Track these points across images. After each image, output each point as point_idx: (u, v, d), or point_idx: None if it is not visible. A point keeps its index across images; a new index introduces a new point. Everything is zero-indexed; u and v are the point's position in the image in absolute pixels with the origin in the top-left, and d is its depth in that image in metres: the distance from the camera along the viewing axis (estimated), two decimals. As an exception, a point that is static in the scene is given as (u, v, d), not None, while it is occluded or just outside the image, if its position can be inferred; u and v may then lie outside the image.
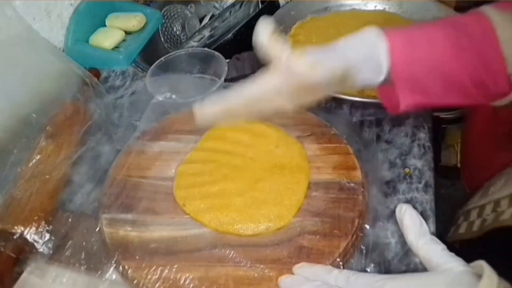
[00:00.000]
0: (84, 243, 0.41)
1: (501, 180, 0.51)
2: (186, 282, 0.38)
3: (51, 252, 0.39)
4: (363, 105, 0.58)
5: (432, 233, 0.43)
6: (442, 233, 0.55)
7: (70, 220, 0.42)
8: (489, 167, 0.56)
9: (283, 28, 0.67)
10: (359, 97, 0.54)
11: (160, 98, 0.55)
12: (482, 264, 0.30)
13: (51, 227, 0.41)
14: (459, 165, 0.79)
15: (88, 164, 0.48)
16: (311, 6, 0.71)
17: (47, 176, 0.47)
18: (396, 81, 0.37)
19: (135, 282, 0.38)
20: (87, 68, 0.67)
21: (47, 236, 0.40)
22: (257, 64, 0.67)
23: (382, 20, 0.69)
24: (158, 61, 0.59)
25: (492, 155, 0.59)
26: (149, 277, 0.38)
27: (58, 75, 0.67)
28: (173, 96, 0.56)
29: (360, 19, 0.69)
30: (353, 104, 0.57)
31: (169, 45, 0.77)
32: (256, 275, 0.38)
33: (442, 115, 0.74)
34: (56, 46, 0.67)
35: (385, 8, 0.72)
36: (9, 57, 0.58)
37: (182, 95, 0.56)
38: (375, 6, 0.72)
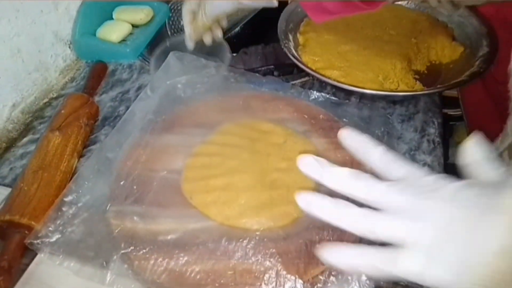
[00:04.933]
0: (90, 235, 0.41)
1: None
2: (192, 275, 0.38)
3: (58, 243, 0.39)
4: (372, 98, 0.57)
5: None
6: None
7: (77, 211, 0.42)
8: None
9: (292, 26, 0.67)
10: (368, 89, 0.54)
11: (168, 83, 0.55)
12: None
13: (58, 218, 0.41)
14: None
15: (95, 156, 0.48)
16: (314, 2, 0.71)
17: (55, 168, 0.47)
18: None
19: (141, 273, 0.38)
20: (94, 61, 0.67)
21: (54, 227, 0.40)
22: (264, 59, 0.67)
23: (386, 13, 0.68)
24: (163, 46, 0.62)
25: None
26: (155, 268, 0.38)
27: (65, 68, 0.67)
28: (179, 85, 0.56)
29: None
30: (362, 97, 0.57)
31: (176, 38, 0.77)
32: (262, 269, 0.38)
33: (450, 112, 0.73)
34: (64, 39, 0.67)
35: None
36: (16, 51, 0.58)
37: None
38: None
